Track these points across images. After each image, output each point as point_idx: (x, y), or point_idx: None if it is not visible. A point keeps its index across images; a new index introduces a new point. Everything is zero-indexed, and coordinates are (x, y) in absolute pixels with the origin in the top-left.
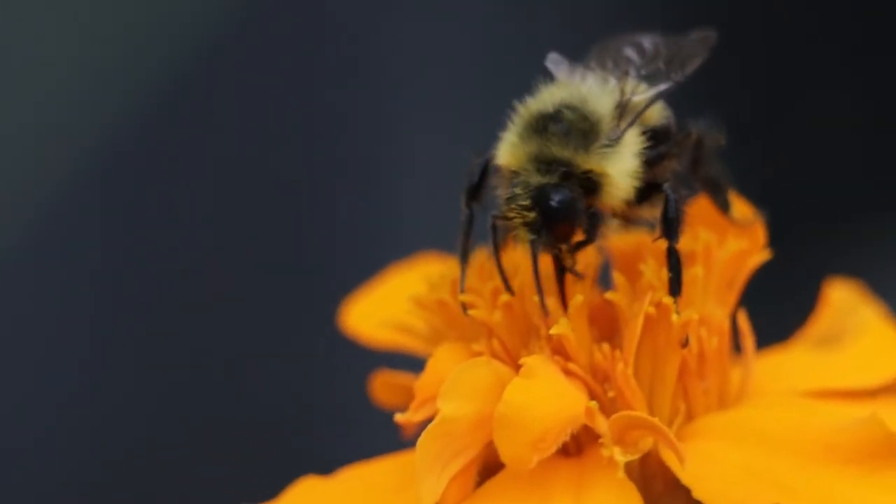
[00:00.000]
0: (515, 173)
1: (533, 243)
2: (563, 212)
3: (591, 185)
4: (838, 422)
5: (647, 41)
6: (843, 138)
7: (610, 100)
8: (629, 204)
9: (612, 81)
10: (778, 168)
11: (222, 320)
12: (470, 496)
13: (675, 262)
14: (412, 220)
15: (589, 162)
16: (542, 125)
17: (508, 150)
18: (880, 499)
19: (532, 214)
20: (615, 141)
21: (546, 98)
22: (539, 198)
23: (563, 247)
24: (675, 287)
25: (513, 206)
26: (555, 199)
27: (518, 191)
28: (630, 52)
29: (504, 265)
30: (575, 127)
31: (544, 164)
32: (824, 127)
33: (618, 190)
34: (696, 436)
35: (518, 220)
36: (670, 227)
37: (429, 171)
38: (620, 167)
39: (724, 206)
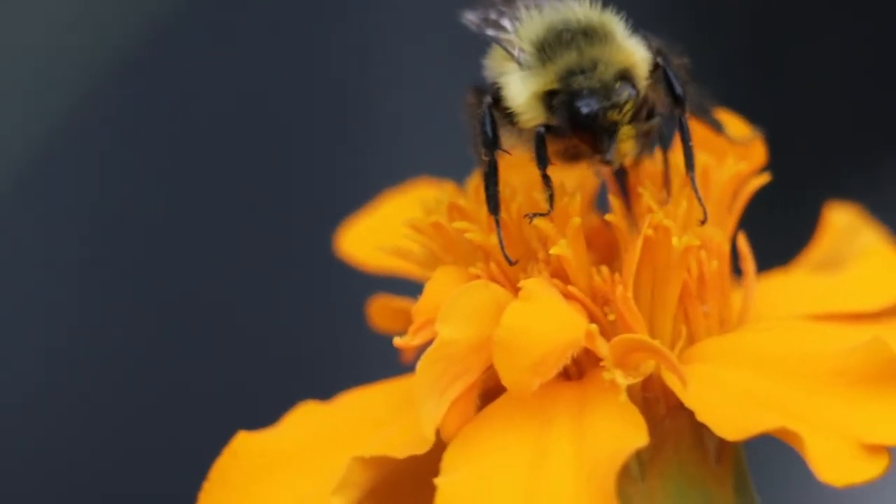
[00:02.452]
0: (553, 93)
1: (637, 137)
2: (644, 96)
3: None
4: (841, 345)
5: None
6: (850, 75)
7: (593, 11)
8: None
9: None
10: (782, 100)
11: (218, 251)
12: (471, 420)
13: (687, 136)
14: (407, 146)
15: (619, 56)
16: (558, 40)
17: (528, 78)
18: (884, 421)
19: (630, 106)
20: (627, 37)
21: (536, 24)
22: (625, 90)
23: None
24: (689, 161)
25: (629, 97)
26: (633, 88)
27: (620, 84)
28: None
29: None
30: (591, 32)
31: (588, 69)
32: (830, 65)
33: (644, 81)
34: (698, 359)
35: (625, 118)
36: (678, 99)
37: (420, 96)
38: (641, 56)
39: (715, 126)
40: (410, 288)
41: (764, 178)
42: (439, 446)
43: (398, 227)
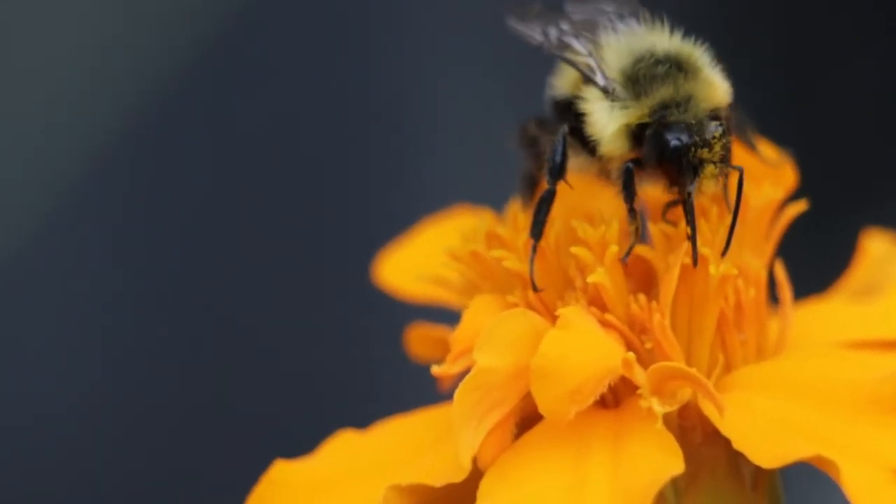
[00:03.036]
0: (643, 125)
1: (719, 177)
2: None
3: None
4: (878, 372)
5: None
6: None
7: (674, 40)
8: None
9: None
10: (821, 125)
11: (257, 279)
12: (508, 448)
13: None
14: (444, 174)
15: (710, 92)
16: (652, 72)
17: (618, 110)
18: None
19: (720, 145)
20: (713, 70)
21: (621, 50)
22: (718, 128)
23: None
24: (738, 201)
25: (722, 135)
26: (724, 127)
27: (713, 128)
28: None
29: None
30: (683, 65)
31: (682, 103)
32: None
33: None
34: (734, 387)
35: (715, 157)
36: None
37: (460, 124)
38: (725, 91)
39: (751, 148)
40: (449, 316)
41: (801, 206)
42: (476, 474)
43: (436, 255)
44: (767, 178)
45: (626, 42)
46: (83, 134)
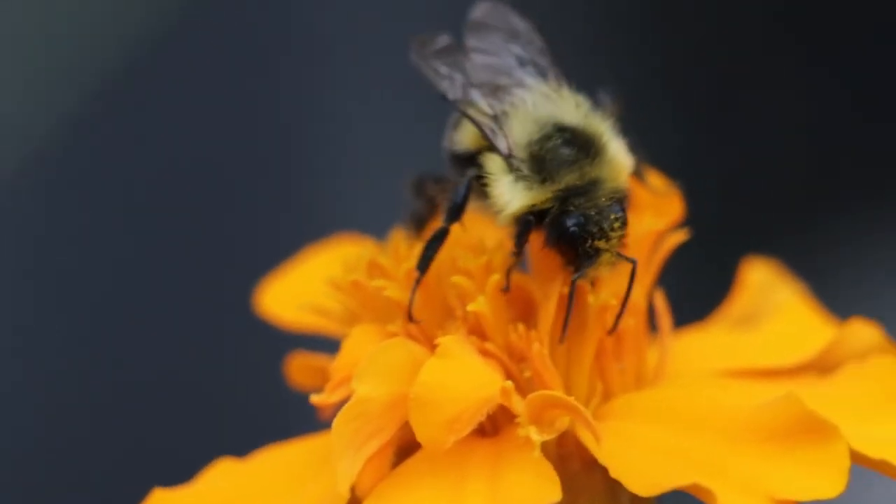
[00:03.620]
0: (542, 212)
1: (612, 265)
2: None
3: None
4: (756, 400)
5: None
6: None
7: (580, 111)
8: None
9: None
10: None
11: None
12: (386, 476)
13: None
14: (329, 203)
15: (613, 174)
16: (558, 156)
17: (523, 190)
18: (795, 476)
19: (618, 236)
20: (617, 145)
21: (527, 121)
22: (618, 218)
23: None
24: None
25: (620, 227)
26: (624, 214)
27: (615, 214)
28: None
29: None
30: (589, 146)
31: (587, 191)
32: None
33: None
34: (612, 415)
35: (612, 247)
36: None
37: (346, 152)
38: (626, 165)
39: (638, 177)
40: (331, 346)
41: (682, 236)
42: (355, 503)
43: (318, 284)
44: (651, 207)
45: (532, 108)
46: None
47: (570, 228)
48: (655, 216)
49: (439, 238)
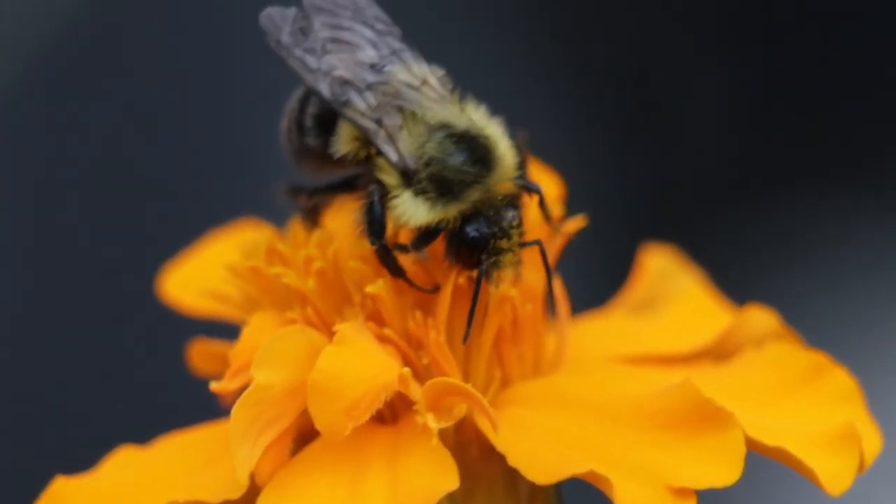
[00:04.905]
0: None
1: (517, 263)
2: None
3: None
4: (653, 387)
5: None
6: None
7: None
8: None
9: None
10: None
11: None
12: (285, 464)
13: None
14: (231, 186)
15: (506, 175)
16: (459, 172)
17: (426, 208)
18: (691, 464)
19: (518, 234)
20: (506, 145)
21: (419, 129)
22: (515, 217)
23: None
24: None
25: (519, 224)
26: (520, 214)
27: (512, 213)
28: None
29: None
30: (484, 154)
31: (484, 199)
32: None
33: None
34: (510, 402)
35: (513, 245)
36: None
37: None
38: (516, 164)
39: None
40: (233, 332)
41: (580, 223)
42: (254, 491)
43: (219, 270)
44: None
45: (418, 110)
46: None
47: (471, 234)
48: (552, 203)
49: (386, 255)
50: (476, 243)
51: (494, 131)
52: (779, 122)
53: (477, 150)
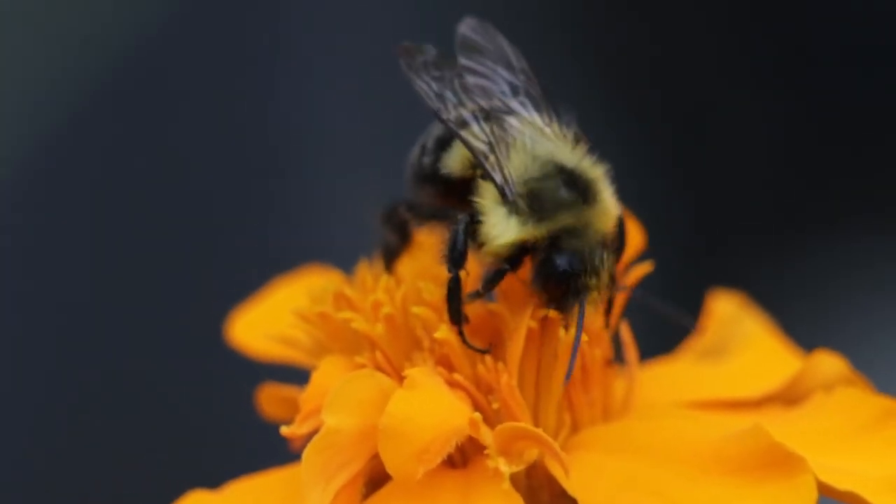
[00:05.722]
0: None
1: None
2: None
3: None
4: (722, 432)
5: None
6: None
7: (577, 154)
8: None
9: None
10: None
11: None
12: None
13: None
14: (303, 233)
15: (605, 218)
16: (556, 196)
17: (517, 225)
18: None
19: (607, 276)
20: (609, 192)
21: (525, 156)
22: (607, 259)
23: None
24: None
25: (611, 265)
26: (613, 256)
27: (606, 253)
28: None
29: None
30: (586, 190)
31: (580, 232)
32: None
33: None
34: (581, 447)
35: (601, 286)
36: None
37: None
38: (616, 215)
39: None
40: (302, 377)
41: (647, 267)
42: None
43: (287, 315)
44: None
45: (530, 143)
46: None
47: (560, 266)
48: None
49: (455, 288)
50: (565, 277)
51: (601, 177)
52: (828, 159)
53: (577, 182)
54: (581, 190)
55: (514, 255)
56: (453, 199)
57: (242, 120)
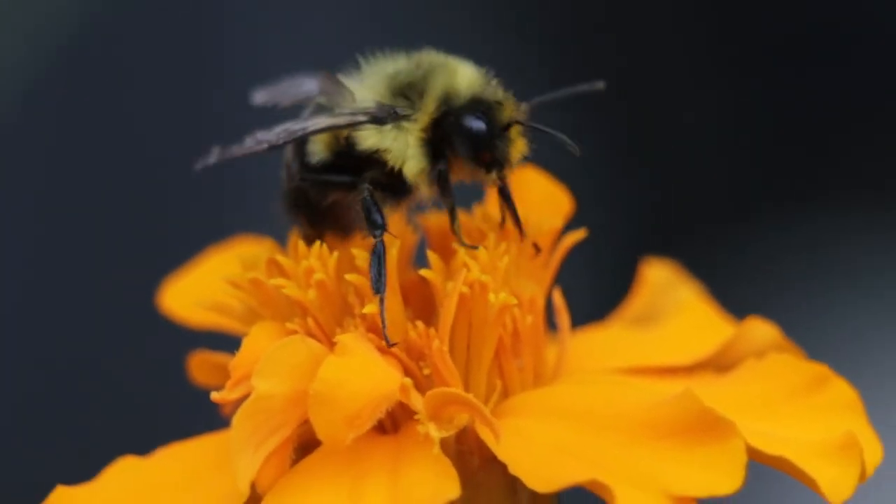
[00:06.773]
0: (437, 124)
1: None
2: None
3: None
4: (654, 398)
5: None
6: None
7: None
8: None
9: None
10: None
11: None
12: (286, 473)
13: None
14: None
15: (474, 74)
16: (412, 79)
17: (405, 126)
18: (691, 472)
19: (511, 101)
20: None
21: (372, 81)
22: (497, 91)
23: None
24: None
25: (507, 98)
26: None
27: (492, 91)
28: None
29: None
30: (439, 65)
31: (458, 91)
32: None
33: None
34: (511, 412)
35: (516, 109)
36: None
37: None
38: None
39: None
40: (233, 344)
41: (581, 234)
42: (255, 500)
43: (219, 282)
44: (544, 204)
45: (367, 75)
46: None
47: (475, 123)
48: (551, 214)
49: (381, 253)
50: (483, 128)
51: (439, 53)
52: (782, 141)
53: (421, 60)
54: (424, 68)
55: (432, 154)
56: (343, 188)
57: (194, 91)
